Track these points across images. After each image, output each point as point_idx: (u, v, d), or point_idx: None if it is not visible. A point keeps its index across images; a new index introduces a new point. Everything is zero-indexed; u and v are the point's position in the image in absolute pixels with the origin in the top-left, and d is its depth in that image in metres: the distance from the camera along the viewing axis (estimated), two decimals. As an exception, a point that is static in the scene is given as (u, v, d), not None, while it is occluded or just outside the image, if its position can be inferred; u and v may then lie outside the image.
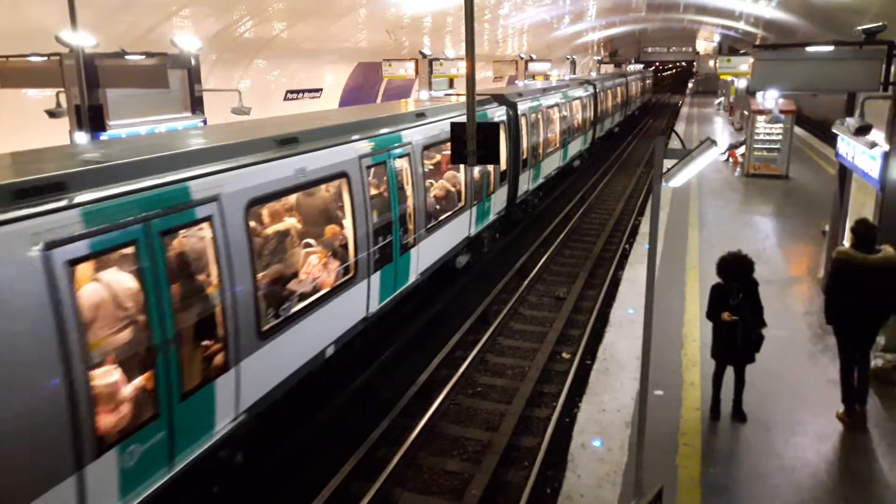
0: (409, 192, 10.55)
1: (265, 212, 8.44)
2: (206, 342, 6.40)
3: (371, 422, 8.78)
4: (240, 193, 6.72)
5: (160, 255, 5.70)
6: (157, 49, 12.84)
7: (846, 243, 7.81)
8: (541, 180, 20.32)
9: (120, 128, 10.97)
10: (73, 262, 4.93)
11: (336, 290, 8.49)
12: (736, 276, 7.42)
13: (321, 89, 27.33)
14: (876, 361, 8.40)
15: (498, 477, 7.89)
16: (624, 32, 58.52)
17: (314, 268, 8.30)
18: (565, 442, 7.71)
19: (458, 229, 13.11)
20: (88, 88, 10.42)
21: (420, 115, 11.58)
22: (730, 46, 49.37)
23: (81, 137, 10.43)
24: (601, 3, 36.80)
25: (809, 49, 10.49)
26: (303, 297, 7.93)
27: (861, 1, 18.78)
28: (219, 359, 6.46)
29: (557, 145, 22.40)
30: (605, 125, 34.96)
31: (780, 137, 21.75)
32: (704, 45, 64.46)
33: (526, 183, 18.44)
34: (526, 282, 14.15)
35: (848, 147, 10.17)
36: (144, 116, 11.73)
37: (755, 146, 22.07)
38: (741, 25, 42.05)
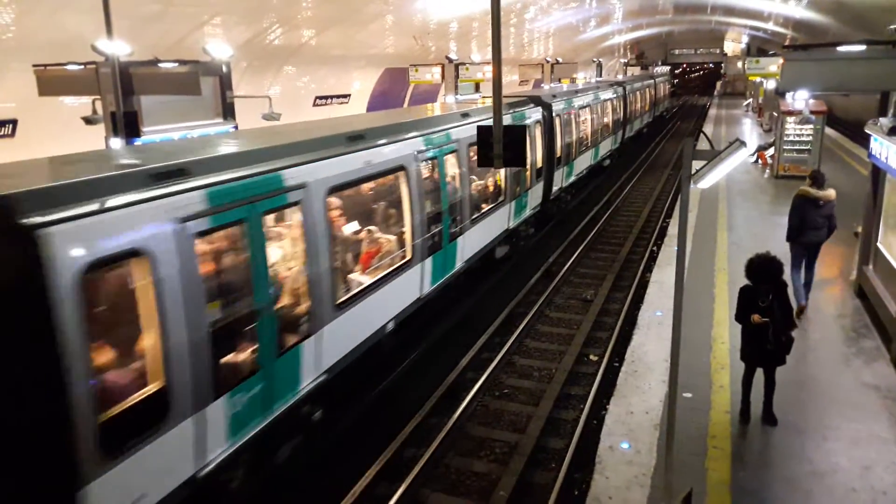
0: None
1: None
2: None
3: (399, 422, 8.85)
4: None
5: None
6: (190, 57, 13.09)
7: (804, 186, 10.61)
8: (573, 178, 20.89)
9: (154, 134, 11.21)
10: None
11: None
12: (765, 278, 7.36)
13: (349, 95, 27.57)
14: None
15: (525, 478, 7.92)
16: (651, 34, 58.08)
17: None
18: (593, 444, 7.71)
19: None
20: (123, 96, 10.67)
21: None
22: (758, 47, 48.78)
23: (116, 143, 10.68)
24: (627, 5, 36.61)
25: (841, 49, 10.35)
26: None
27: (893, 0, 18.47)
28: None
29: (589, 144, 23.10)
30: (635, 125, 35.52)
31: (810, 138, 21.42)
32: (732, 46, 63.74)
33: (560, 180, 19.05)
34: (553, 284, 14.14)
35: (881, 147, 10.01)
36: (177, 123, 11.96)
37: (785, 147, 21.77)
38: (770, 26, 41.52)
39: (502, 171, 13.62)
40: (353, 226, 9.63)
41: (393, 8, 23.46)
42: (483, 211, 12.98)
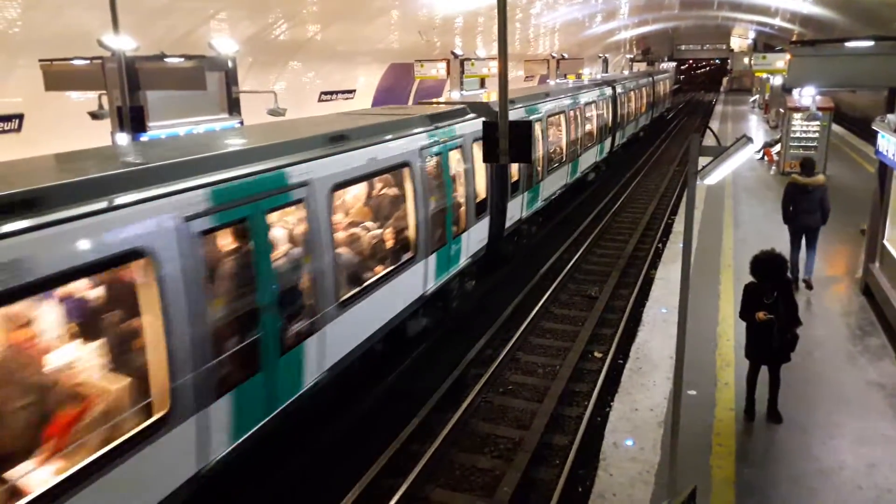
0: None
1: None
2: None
3: (403, 418, 8.86)
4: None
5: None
6: (196, 52, 13.10)
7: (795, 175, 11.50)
8: (539, 203, 16.76)
9: (159, 129, 11.22)
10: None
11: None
12: (770, 275, 7.34)
13: (354, 90, 27.57)
14: None
15: (529, 475, 7.92)
16: (657, 30, 57.93)
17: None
18: (597, 441, 7.71)
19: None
20: (129, 90, 10.68)
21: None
22: (765, 43, 48.58)
23: (123, 138, 10.69)
24: (634, 0, 36.49)
25: (848, 44, 10.32)
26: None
27: (902, -5, 18.37)
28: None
29: (564, 159, 18.86)
30: (628, 130, 30.99)
31: (816, 135, 21.32)
32: (739, 42, 63.48)
33: (519, 209, 15.07)
34: (557, 280, 14.13)
35: (889, 144, 9.96)
36: (183, 118, 11.97)
37: (791, 144, 21.68)
38: (777, 21, 41.33)
39: (411, 216, 9.60)
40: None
41: (398, 3, 23.43)
42: (363, 287, 8.59)
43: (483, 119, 11.47)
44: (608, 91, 25.56)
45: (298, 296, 7.30)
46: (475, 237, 12.06)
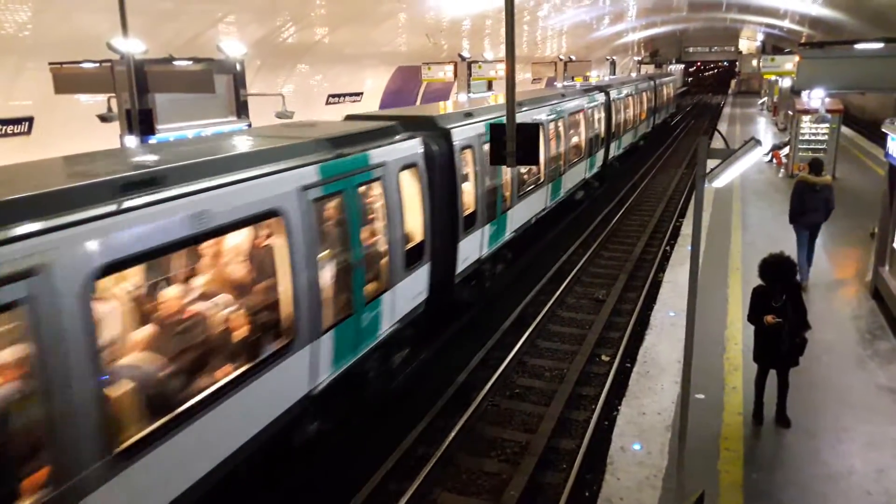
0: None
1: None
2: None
3: (410, 420, 8.86)
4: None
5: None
6: (204, 55, 13.17)
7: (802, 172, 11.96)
8: (506, 236, 13.71)
9: (168, 131, 11.28)
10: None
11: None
12: (778, 279, 7.30)
13: (362, 93, 27.64)
14: None
15: (536, 479, 7.90)
16: (665, 32, 57.81)
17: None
18: (605, 445, 7.68)
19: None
20: (138, 93, 10.75)
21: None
22: (773, 45, 48.41)
23: (132, 141, 10.75)
24: (641, 3, 36.45)
25: (858, 46, 10.27)
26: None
27: (912, -3, 18.28)
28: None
29: (542, 179, 15.97)
30: (625, 140, 27.99)
31: (825, 137, 21.22)
32: (747, 44, 63.27)
33: (477, 249, 12.12)
34: (564, 283, 14.10)
35: (898, 147, 9.91)
36: (191, 120, 12.04)
37: (800, 146, 21.57)
38: (786, 24, 41.20)
39: (283, 285, 6.98)
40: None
41: (406, 6, 23.47)
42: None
43: (422, 138, 9.96)
44: (600, 98, 22.80)
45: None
46: (407, 293, 9.45)
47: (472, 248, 11.82)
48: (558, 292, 13.59)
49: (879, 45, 10.22)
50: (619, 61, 55.49)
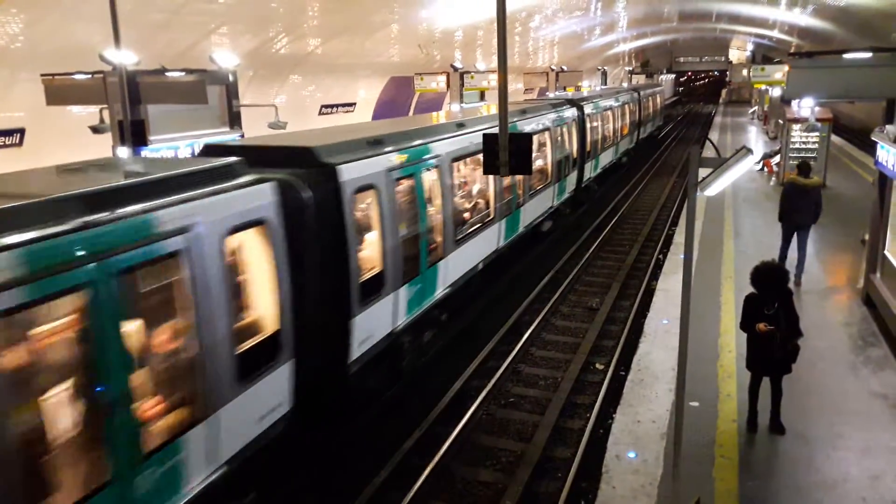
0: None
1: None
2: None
3: (404, 430, 8.83)
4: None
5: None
6: (197, 66, 13.16)
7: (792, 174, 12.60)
8: (436, 296, 10.77)
9: (161, 142, 11.26)
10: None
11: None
12: (770, 286, 7.34)
13: (355, 104, 27.68)
14: None
15: (531, 488, 7.88)
16: (656, 43, 58.18)
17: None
18: (600, 453, 7.67)
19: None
20: (131, 104, 10.71)
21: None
22: (763, 55, 48.77)
23: (124, 152, 10.72)
24: (632, 13, 36.68)
25: (847, 56, 10.37)
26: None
27: (899, 7, 18.47)
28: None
29: (491, 216, 13.10)
30: (603, 160, 25.04)
31: (816, 146, 21.38)
32: (737, 54, 63.80)
33: (387, 321, 9.27)
34: (558, 292, 14.11)
35: (888, 155, 9.98)
36: (184, 131, 12.01)
37: (791, 155, 21.72)
38: (775, 34, 41.56)
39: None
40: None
41: (398, 17, 23.55)
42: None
43: (280, 181, 7.03)
44: (570, 113, 19.59)
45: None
46: (242, 416, 6.45)
47: (378, 322, 8.99)
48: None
49: (867, 55, 10.33)
50: (610, 71, 55.80)
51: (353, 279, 8.27)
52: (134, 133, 10.59)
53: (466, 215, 12.38)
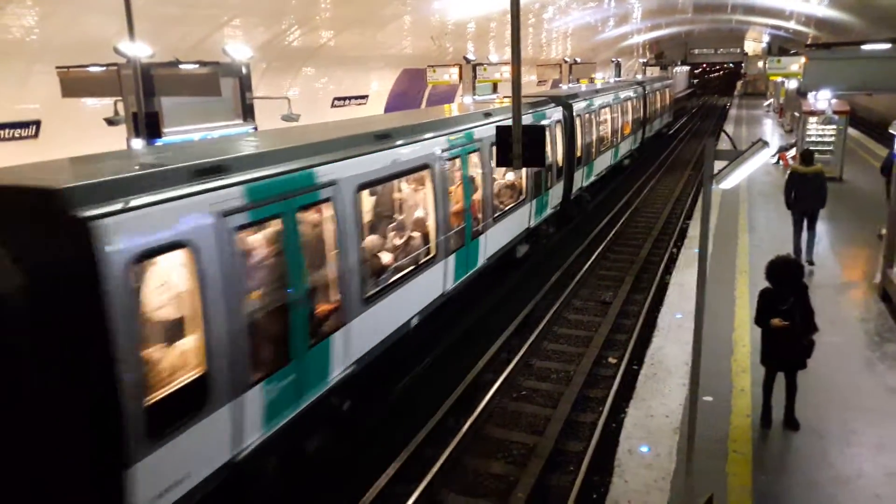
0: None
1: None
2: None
3: (417, 422, 8.84)
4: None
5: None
6: (210, 58, 13.18)
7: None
8: (372, 349, 8.59)
9: (174, 135, 11.29)
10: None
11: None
12: (786, 281, 7.27)
13: (367, 96, 27.67)
14: None
15: (543, 481, 7.88)
16: (670, 34, 57.74)
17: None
18: (612, 447, 7.65)
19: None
20: (145, 97, 10.77)
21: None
22: (780, 46, 48.24)
23: (138, 144, 10.78)
24: (646, 4, 36.39)
25: (865, 47, 10.22)
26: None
27: (919, -3, 18.21)
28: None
29: (432, 254, 10.09)
30: (598, 166, 21.91)
31: (832, 139, 21.14)
32: (753, 45, 63.14)
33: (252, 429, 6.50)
34: (571, 286, 14.07)
35: (906, 148, 9.87)
36: (197, 124, 12.05)
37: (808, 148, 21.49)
38: (792, 25, 41.11)
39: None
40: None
41: (411, 9, 23.51)
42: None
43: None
44: (555, 115, 16.57)
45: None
46: None
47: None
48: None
49: (887, 46, 10.17)
50: (624, 63, 55.43)
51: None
52: (148, 125, 10.65)
53: (387, 260, 9.34)
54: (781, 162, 24.00)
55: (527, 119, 13.29)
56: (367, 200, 9.64)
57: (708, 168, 5.35)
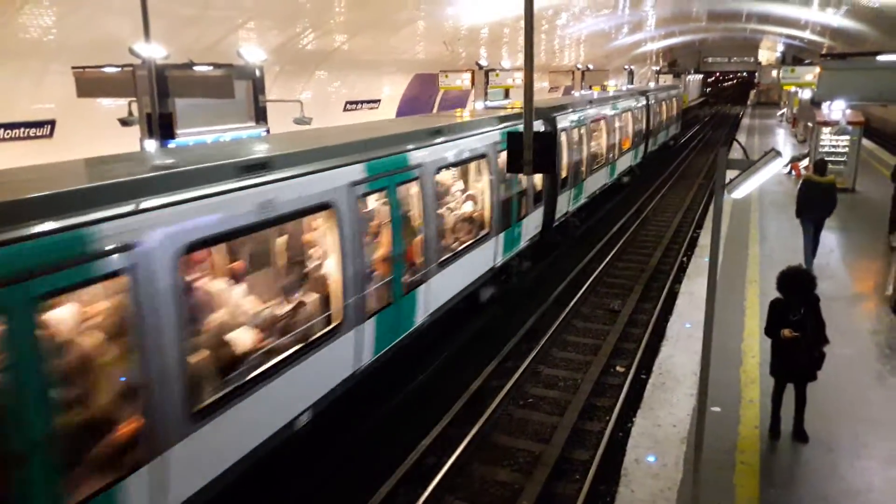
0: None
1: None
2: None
3: (422, 428, 8.83)
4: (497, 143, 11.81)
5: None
6: (224, 60, 13.27)
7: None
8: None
9: (188, 136, 11.37)
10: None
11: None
12: (797, 291, 7.21)
13: (379, 100, 27.75)
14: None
15: (549, 489, 7.85)
16: (684, 42, 57.60)
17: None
18: (619, 456, 7.62)
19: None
20: (159, 98, 10.85)
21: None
22: (794, 56, 48.03)
23: (151, 145, 10.85)
24: (660, 12, 36.32)
25: (880, 58, 10.18)
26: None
27: (936, 9, 18.08)
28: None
29: (338, 321, 7.75)
30: (589, 186, 19.45)
31: (846, 150, 20.99)
32: (767, 54, 62.91)
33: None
34: (579, 294, 14.03)
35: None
36: (211, 125, 12.12)
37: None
38: (806, 34, 40.92)
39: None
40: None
41: (424, 14, 23.57)
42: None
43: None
44: (545, 128, 15.09)
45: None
46: None
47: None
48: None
49: (902, 57, 10.11)
50: (637, 71, 55.36)
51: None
52: (161, 126, 10.72)
53: (300, 327, 7.31)
54: (794, 172, 23.86)
55: (489, 138, 11.74)
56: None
57: (720, 177, 5.33)
